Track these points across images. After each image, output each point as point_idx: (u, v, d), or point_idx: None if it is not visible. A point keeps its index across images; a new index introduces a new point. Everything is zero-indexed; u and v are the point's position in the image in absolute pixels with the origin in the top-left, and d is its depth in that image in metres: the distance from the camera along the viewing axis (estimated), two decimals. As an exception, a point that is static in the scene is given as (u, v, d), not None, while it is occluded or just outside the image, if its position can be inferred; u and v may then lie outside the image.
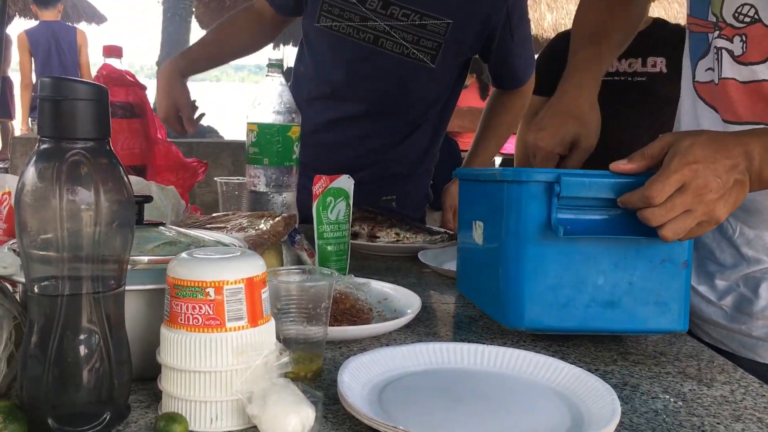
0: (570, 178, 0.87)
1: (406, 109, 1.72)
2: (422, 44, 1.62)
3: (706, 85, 1.03)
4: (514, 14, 1.66)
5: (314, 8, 1.64)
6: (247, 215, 1.18)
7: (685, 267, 0.91)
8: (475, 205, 1.06)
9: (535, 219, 0.88)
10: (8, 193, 0.96)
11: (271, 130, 1.39)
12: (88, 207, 0.60)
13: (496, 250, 0.94)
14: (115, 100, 1.30)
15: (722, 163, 0.81)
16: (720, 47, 0.98)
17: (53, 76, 0.58)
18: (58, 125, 0.58)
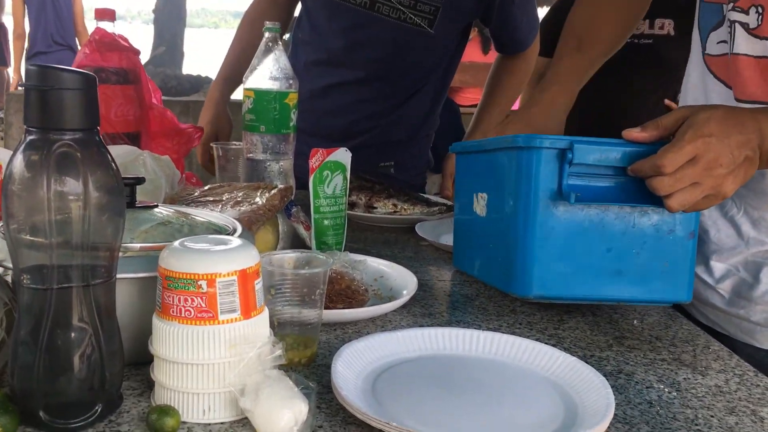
0: (583, 145, 0.87)
1: (404, 75, 1.69)
2: (419, 9, 1.59)
3: (717, 58, 1.00)
4: None
5: None
6: (242, 187, 1.17)
7: (691, 237, 0.92)
8: (478, 176, 1.05)
9: (546, 186, 0.89)
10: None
11: (268, 97, 1.36)
12: (76, 198, 0.59)
13: (505, 219, 0.94)
14: (108, 66, 1.27)
15: (735, 138, 0.81)
16: (734, 20, 0.95)
17: (39, 64, 0.56)
18: (45, 116, 0.56)
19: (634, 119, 2.41)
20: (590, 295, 0.91)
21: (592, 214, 0.89)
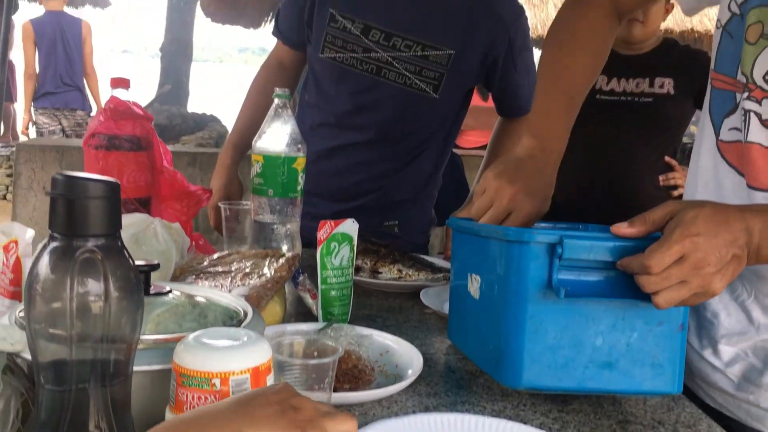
0: (572, 241, 0.88)
1: (408, 137, 1.73)
2: (425, 75, 1.63)
3: (731, 145, 1.02)
4: (516, 43, 1.67)
5: (318, 39, 1.66)
6: (250, 256, 1.19)
7: (681, 330, 0.93)
8: (472, 257, 1.06)
9: (536, 279, 0.89)
10: (15, 242, 0.96)
11: (277, 162, 1.40)
12: (97, 298, 0.60)
13: (495, 308, 0.95)
14: (121, 133, 1.30)
15: (723, 237, 0.82)
16: (748, 109, 0.97)
17: (66, 173, 0.59)
18: (70, 224, 0.59)
19: (635, 176, 2.43)
20: (580, 386, 0.91)
21: (582, 307, 0.89)
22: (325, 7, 1.63)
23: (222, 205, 1.56)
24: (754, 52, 0.95)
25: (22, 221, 2.89)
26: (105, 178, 0.61)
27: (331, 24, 1.63)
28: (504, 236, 0.93)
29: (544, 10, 7.74)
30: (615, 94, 2.35)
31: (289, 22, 1.75)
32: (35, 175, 2.89)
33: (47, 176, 2.94)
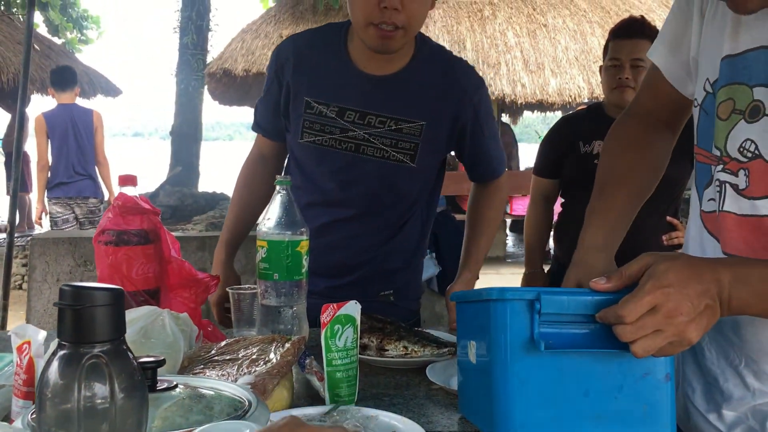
0: (550, 296, 0.91)
1: (393, 207, 1.78)
2: (400, 146, 1.70)
3: (709, 215, 1.07)
4: (481, 112, 1.74)
5: (297, 126, 1.72)
6: (257, 342, 1.22)
7: (667, 380, 0.95)
8: (469, 325, 1.09)
9: (518, 334, 0.92)
10: (28, 343, 1.00)
11: (281, 246, 1.44)
12: (103, 401, 0.64)
13: (486, 367, 0.98)
14: (130, 228, 1.35)
15: (694, 288, 0.86)
16: (723, 180, 1.01)
17: (74, 284, 0.63)
18: (77, 332, 0.62)
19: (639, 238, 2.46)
20: None
21: (566, 360, 0.92)
22: (300, 97, 1.70)
23: (230, 290, 1.59)
24: (727, 127, 1.00)
25: (36, 314, 2.94)
26: (109, 287, 0.65)
27: (308, 111, 1.70)
28: (487, 296, 0.97)
29: (541, 76, 7.93)
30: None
31: (266, 116, 1.82)
32: (49, 268, 2.95)
33: (61, 268, 3.00)
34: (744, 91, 0.98)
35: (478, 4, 8.48)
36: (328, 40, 1.72)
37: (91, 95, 9.56)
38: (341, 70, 1.68)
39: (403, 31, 1.55)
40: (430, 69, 1.70)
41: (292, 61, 1.71)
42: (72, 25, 14.45)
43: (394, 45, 1.58)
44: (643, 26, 2.37)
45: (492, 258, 7.16)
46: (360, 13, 1.55)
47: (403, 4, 1.51)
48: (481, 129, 1.75)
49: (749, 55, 0.98)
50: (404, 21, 1.53)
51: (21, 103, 3.26)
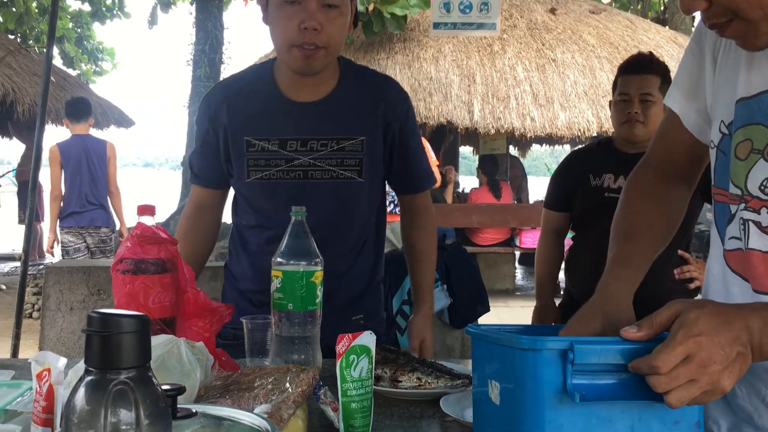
0: (582, 346, 0.90)
1: (349, 230, 1.79)
2: (347, 164, 1.74)
3: (733, 253, 1.07)
4: (407, 123, 1.80)
5: (241, 168, 1.75)
6: (272, 372, 1.22)
7: (698, 427, 0.94)
8: (490, 363, 1.08)
9: (551, 385, 0.91)
10: (48, 370, 1.01)
11: (295, 276, 1.45)
12: (129, 427, 0.64)
13: (514, 415, 0.97)
14: (148, 257, 1.37)
15: (725, 335, 0.86)
16: (747, 219, 1.02)
17: (101, 311, 0.64)
18: (104, 358, 0.64)
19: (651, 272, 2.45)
20: None
21: (598, 410, 0.91)
22: (239, 138, 1.73)
23: (244, 320, 1.60)
24: (746, 166, 1.02)
25: (50, 342, 2.95)
26: (135, 314, 0.66)
27: (250, 149, 1.73)
28: (518, 345, 0.96)
29: (551, 110, 7.98)
30: (615, 192, 2.41)
31: (206, 167, 1.84)
32: (63, 297, 2.97)
33: (75, 297, 3.02)
34: (761, 131, 1.00)
35: (487, 39, 8.58)
36: (256, 79, 1.78)
37: (105, 126, 9.67)
38: (274, 103, 1.73)
39: (325, 51, 1.61)
40: (359, 87, 1.76)
41: (225, 105, 1.75)
42: (87, 57, 14.67)
43: (317, 64, 1.64)
44: (651, 62, 2.40)
45: (501, 291, 7.15)
46: (282, 36, 1.61)
47: (322, 24, 1.57)
48: (408, 140, 1.80)
49: (763, 96, 1.00)
50: (325, 41, 1.59)
51: (38, 133, 3.31)
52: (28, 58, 9.11)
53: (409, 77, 8.32)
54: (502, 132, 8.27)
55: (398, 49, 8.63)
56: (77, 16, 13.97)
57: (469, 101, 8.11)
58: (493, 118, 8.01)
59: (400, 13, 7.34)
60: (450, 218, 7.31)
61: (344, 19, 1.64)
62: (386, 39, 8.61)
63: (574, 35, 8.91)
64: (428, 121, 7.96)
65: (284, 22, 1.59)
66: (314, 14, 1.56)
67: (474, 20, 3.73)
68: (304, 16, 1.56)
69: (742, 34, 0.95)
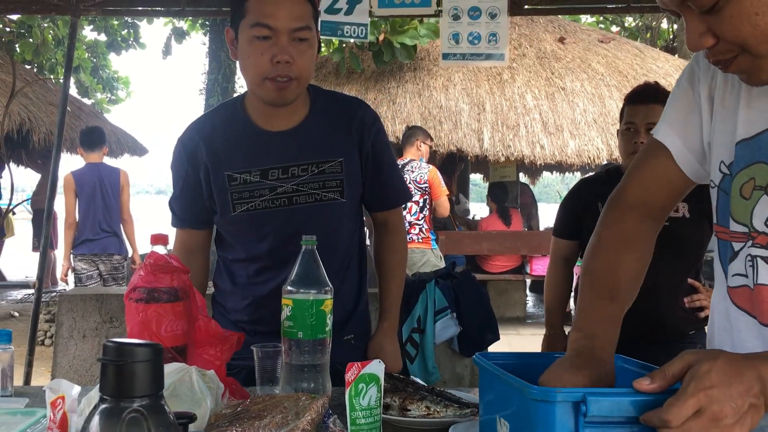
0: (595, 398, 0.90)
1: (335, 251, 1.81)
2: (328, 186, 1.78)
3: (737, 290, 1.08)
4: (378, 141, 1.85)
5: (225, 203, 1.77)
6: (282, 400, 1.23)
7: None
8: (500, 400, 1.08)
9: None
10: (62, 398, 1.03)
11: (305, 305, 1.47)
12: (142, 455, 0.66)
13: None
14: (160, 286, 1.39)
15: (737, 388, 0.86)
16: (755, 255, 1.03)
17: (116, 340, 0.66)
18: (119, 387, 0.66)
19: (661, 301, 2.44)
20: None
21: None
22: (219, 174, 1.76)
23: (254, 348, 1.62)
24: (751, 204, 1.03)
25: (62, 369, 2.97)
26: (149, 343, 0.68)
27: (232, 183, 1.76)
28: (530, 395, 0.95)
29: (560, 138, 8.01)
30: (631, 220, 2.42)
31: (189, 208, 1.85)
32: (76, 324, 3.00)
33: (87, 325, 3.04)
34: (763, 169, 1.01)
35: (497, 68, 8.65)
36: (228, 115, 1.81)
37: (119, 154, 9.78)
38: (250, 136, 1.77)
39: (297, 82, 1.66)
40: (331, 111, 1.82)
41: (202, 143, 1.78)
42: (102, 87, 14.87)
43: (290, 95, 1.69)
44: (657, 92, 2.42)
45: (512, 318, 7.13)
46: (254, 70, 1.65)
47: (293, 57, 1.62)
48: (381, 157, 1.86)
49: (763, 136, 1.02)
50: (297, 73, 1.65)
51: (54, 162, 3.37)
52: (45, 88, 9.25)
53: (419, 106, 8.39)
54: (512, 159, 8.29)
55: (408, 78, 8.71)
56: (93, 46, 14.19)
57: (479, 129, 8.15)
58: (503, 145, 8.04)
59: (410, 43, 7.41)
60: (460, 245, 7.31)
61: (313, 51, 1.69)
62: (396, 68, 8.69)
63: (583, 64, 8.97)
64: (438, 149, 8.01)
65: (256, 56, 1.63)
66: (286, 48, 1.61)
67: (483, 51, 3.78)
68: (275, 50, 1.61)
69: (747, 69, 0.96)
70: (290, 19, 1.62)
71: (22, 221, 12.02)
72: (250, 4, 1.63)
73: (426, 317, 2.74)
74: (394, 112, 8.31)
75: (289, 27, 1.62)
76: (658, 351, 2.11)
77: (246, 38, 1.65)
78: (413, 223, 5.37)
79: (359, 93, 8.54)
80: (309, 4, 1.67)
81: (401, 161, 5.54)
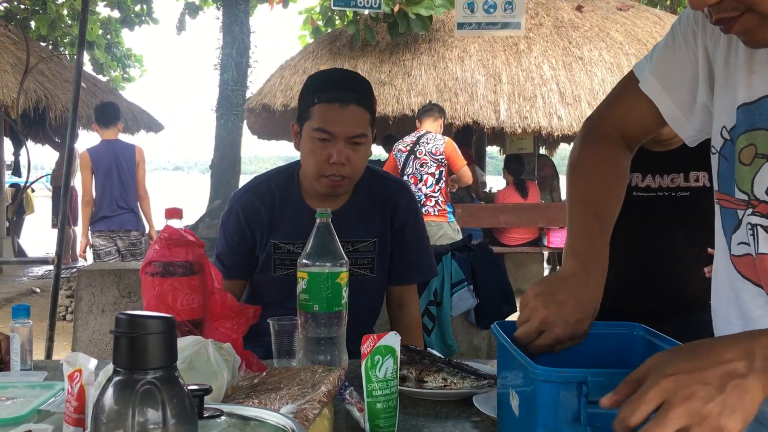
0: (597, 379, 0.89)
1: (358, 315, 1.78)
2: (360, 263, 1.94)
3: (741, 258, 1.05)
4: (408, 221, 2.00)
5: (267, 264, 1.95)
6: (298, 372, 1.23)
7: None
8: (512, 374, 1.08)
9: (566, 415, 0.91)
10: (79, 371, 1.03)
11: (321, 278, 1.46)
12: (156, 427, 0.66)
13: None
14: (176, 260, 1.39)
15: (710, 370, 0.76)
16: (755, 224, 1.01)
17: (128, 312, 0.65)
18: (131, 359, 0.65)
19: (680, 271, 2.41)
20: None
21: None
22: (267, 242, 1.94)
23: (271, 321, 1.62)
24: (752, 171, 1.00)
25: (82, 343, 3.00)
26: (162, 315, 0.67)
27: (276, 251, 1.94)
28: (533, 374, 0.94)
29: (578, 108, 7.91)
30: (651, 191, 2.38)
31: (238, 261, 1.99)
32: (95, 299, 3.02)
33: (106, 299, 3.07)
34: (765, 136, 0.99)
35: (513, 38, 8.54)
36: (283, 184, 1.98)
37: (135, 131, 9.80)
38: (300, 212, 1.92)
39: (348, 180, 1.85)
40: (373, 194, 1.98)
41: (263, 210, 1.94)
42: (116, 64, 14.89)
43: (341, 191, 1.88)
44: None
45: (529, 291, 7.13)
46: (313, 166, 1.82)
47: (349, 159, 1.79)
48: (407, 237, 2.00)
49: (765, 101, 0.99)
50: (349, 172, 1.82)
51: (70, 139, 3.37)
52: (60, 65, 9.27)
53: (434, 78, 8.31)
54: (528, 131, 8.21)
55: (424, 50, 8.62)
56: (106, 23, 14.19)
57: (495, 101, 8.07)
58: (519, 117, 7.96)
59: (426, 13, 7.33)
60: (477, 218, 7.28)
61: (367, 151, 1.86)
62: (411, 40, 8.60)
63: (601, 32, 8.83)
64: (454, 121, 7.95)
65: (315, 155, 1.80)
66: (342, 151, 1.78)
67: (498, 20, 3.72)
68: (333, 151, 1.77)
69: (752, 29, 0.91)
70: (349, 128, 1.78)
71: (42, 198, 12.14)
72: (315, 111, 1.80)
73: (443, 290, 2.73)
74: (409, 85, 8.24)
75: (347, 135, 1.78)
76: (680, 323, 2.09)
77: (308, 136, 1.82)
78: (429, 196, 5.33)
79: (374, 65, 8.48)
80: (367, 112, 1.82)
81: (418, 132, 5.49)
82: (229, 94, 10.79)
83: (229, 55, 10.86)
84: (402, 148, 5.48)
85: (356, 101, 1.79)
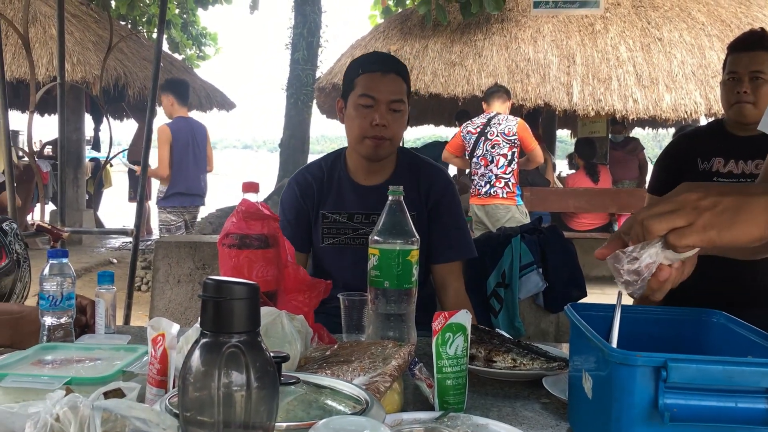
0: (677, 364, 0.86)
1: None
2: None
3: None
4: (444, 200, 2.12)
5: (317, 234, 2.15)
6: (368, 347, 1.25)
7: None
8: (585, 357, 1.07)
9: (642, 402, 0.89)
10: (162, 335, 1.07)
11: (392, 255, 1.48)
12: (240, 389, 0.68)
13: (604, 420, 0.94)
14: (252, 233, 1.42)
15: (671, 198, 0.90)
16: None
17: (216, 278, 0.68)
18: (218, 322, 0.67)
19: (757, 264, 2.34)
20: None
21: (690, 430, 0.87)
22: (317, 213, 2.15)
23: (341, 296, 1.65)
24: None
25: (158, 312, 3.12)
26: (247, 282, 0.69)
27: (325, 221, 2.14)
28: (609, 357, 0.92)
29: (655, 92, 7.67)
30: (734, 176, 2.30)
31: (299, 235, 2.14)
32: (171, 270, 3.13)
33: (182, 270, 3.17)
34: None
35: (589, 18, 8.32)
36: (332, 163, 2.20)
37: (208, 109, 10.03)
38: (345, 186, 2.15)
39: (389, 142, 2.04)
40: (413, 173, 2.15)
41: (314, 184, 2.16)
42: (192, 42, 15.21)
43: (383, 152, 2.06)
44: (762, 38, 2.27)
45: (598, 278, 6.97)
46: (358, 130, 2.03)
47: (389, 122, 2.01)
48: (443, 215, 2.12)
49: None
50: (390, 134, 2.03)
51: (149, 116, 3.48)
52: (138, 43, 9.55)
53: (506, 58, 8.19)
54: (602, 114, 8.01)
55: (495, 30, 8.50)
56: (182, 2, 14.50)
57: (568, 82, 7.90)
58: (593, 99, 7.77)
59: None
60: (546, 202, 7.17)
61: (404, 119, 2.08)
62: (483, 20, 8.49)
63: (682, 12, 8.51)
64: (525, 103, 7.82)
65: (360, 120, 2.03)
66: (384, 114, 2.01)
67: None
68: (375, 115, 2.00)
69: None
70: (389, 93, 2.01)
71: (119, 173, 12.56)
72: (360, 80, 2.04)
73: (511, 272, 2.71)
74: (480, 66, 8.14)
75: (387, 99, 2.01)
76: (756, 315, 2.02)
77: (353, 105, 2.05)
78: (499, 177, 5.27)
79: (444, 46, 8.41)
80: (404, 82, 2.06)
81: (488, 113, 5.43)
82: (299, 74, 10.89)
83: (300, 34, 10.95)
84: (471, 130, 5.43)
85: (396, 71, 2.05)
